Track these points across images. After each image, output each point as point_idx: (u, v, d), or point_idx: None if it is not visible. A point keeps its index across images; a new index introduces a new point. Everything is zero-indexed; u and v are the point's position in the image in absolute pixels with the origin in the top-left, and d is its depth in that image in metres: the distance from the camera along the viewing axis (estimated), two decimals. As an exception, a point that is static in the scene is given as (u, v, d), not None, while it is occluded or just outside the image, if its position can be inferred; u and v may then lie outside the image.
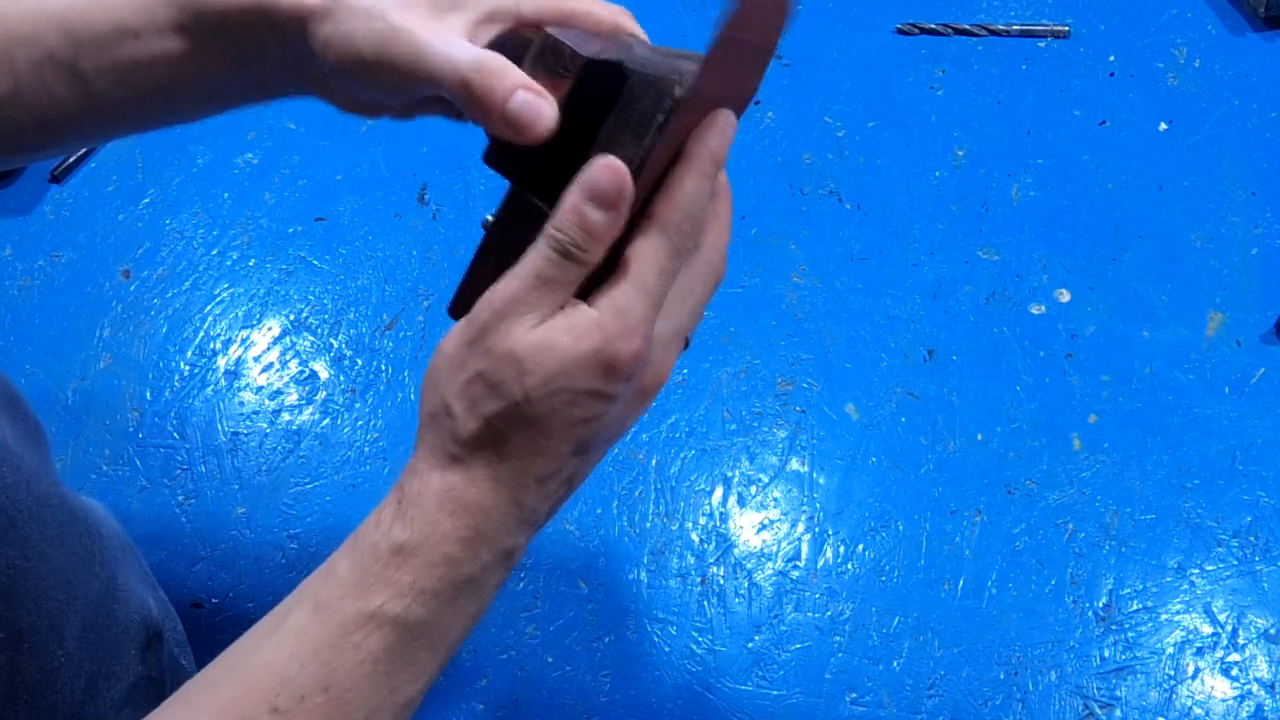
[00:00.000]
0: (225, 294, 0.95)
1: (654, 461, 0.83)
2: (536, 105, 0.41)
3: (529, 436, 0.41)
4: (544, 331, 0.41)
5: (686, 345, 0.48)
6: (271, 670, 0.42)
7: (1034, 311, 0.89)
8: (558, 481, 0.43)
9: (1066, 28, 1.05)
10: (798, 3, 0.47)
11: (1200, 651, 0.73)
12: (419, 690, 0.44)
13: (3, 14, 0.47)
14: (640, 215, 0.43)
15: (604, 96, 0.42)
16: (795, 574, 0.78)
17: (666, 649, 0.76)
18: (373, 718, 0.42)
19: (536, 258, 0.41)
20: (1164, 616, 0.75)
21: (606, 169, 0.40)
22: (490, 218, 0.45)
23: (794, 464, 0.83)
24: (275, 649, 0.42)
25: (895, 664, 0.74)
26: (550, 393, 0.41)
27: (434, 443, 0.43)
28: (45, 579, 0.50)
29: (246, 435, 0.87)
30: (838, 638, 0.75)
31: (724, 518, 0.81)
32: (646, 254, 0.42)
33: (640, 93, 0.41)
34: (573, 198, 0.40)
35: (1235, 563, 0.77)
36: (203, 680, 0.43)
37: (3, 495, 0.49)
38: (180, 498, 0.84)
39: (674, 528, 0.81)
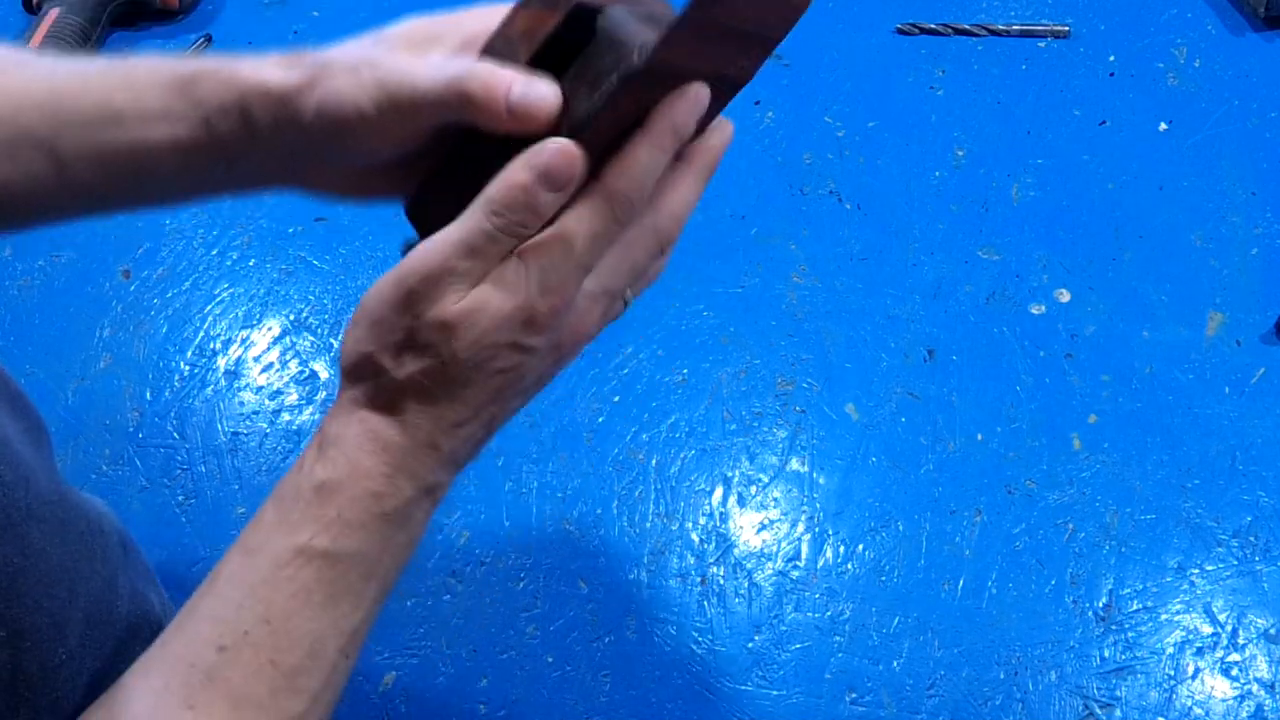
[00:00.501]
0: (225, 294, 0.95)
1: (654, 461, 0.83)
2: (536, 90, 0.41)
3: (450, 389, 0.43)
4: (474, 296, 0.42)
5: (625, 306, 0.47)
6: (212, 617, 0.43)
7: (1034, 311, 0.89)
8: (475, 425, 0.45)
9: (1066, 28, 1.05)
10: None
11: (1200, 651, 0.73)
12: (363, 618, 0.45)
13: None
14: (590, 176, 0.42)
15: (577, 43, 0.41)
16: (795, 574, 0.78)
17: (666, 649, 0.76)
18: (319, 646, 0.44)
19: (473, 229, 0.41)
20: (1164, 616, 0.75)
21: (560, 154, 0.40)
22: None
23: (794, 464, 0.83)
24: (212, 599, 0.44)
25: (895, 664, 0.74)
26: (476, 350, 0.42)
27: (357, 390, 0.44)
28: (46, 576, 0.50)
29: (246, 435, 0.87)
30: (838, 638, 0.75)
31: (724, 518, 0.81)
32: (583, 219, 0.42)
33: (604, 50, 0.41)
34: (520, 174, 0.40)
35: (1235, 563, 0.77)
36: (154, 645, 0.45)
37: (1, 493, 0.49)
38: (180, 498, 0.84)
39: (674, 528, 0.81)
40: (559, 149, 0.40)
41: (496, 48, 0.43)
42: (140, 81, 0.45)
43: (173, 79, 0.45)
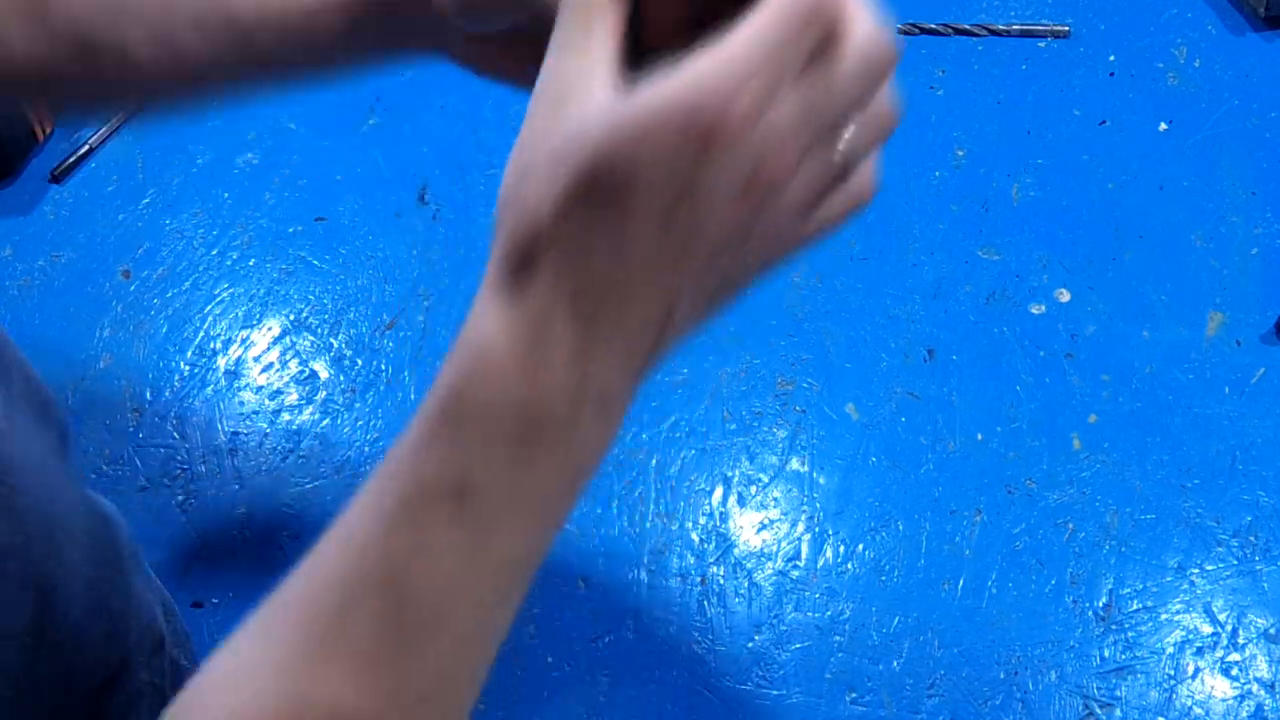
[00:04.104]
0: (225, 294, 0.95)
1: (654, 461, 0.83)
2: None
3: (592, 215, 0.31)
4: (612, 106, 0.32)
5: (843, 166, 0.37)
6: (329, 564, 0.39)
7: (1034, 311, 0.89)
8: (645, 284, 0.33)
9: (1066, 28, 1.05)
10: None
11: (1200, 651, 0.73)
12: (504, 560, 0.36)
13: None
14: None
15: None
16: (795, 574, 0.78)
17: (666, 649, 0.76)
18: (448, 603, 0.35)
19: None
20: (1164, 616, 0.75)
21: None
22: None
23: (794, 464, 0.83)
24: (336, 543, 0.39)
25: (895, 664, 0.74)
26: (613, 151, 0.30)
27: (489, 270, 0.34)
28: (73, 588, 0.50)
29: (246, 435, 0.87)
30: (838, 638, 0.75)
31: (724, 518, 0.81)
32: (745, 29, 0.31)
33: None
34: None
35: (1235, 563, 0.77)
36: (270, 598, 0.39)
37: (45, 505, 0.49)
38: (180, 498, 0.84)
39: (674, 528, 0.81)
40: None
41: None
42: None
43: None
